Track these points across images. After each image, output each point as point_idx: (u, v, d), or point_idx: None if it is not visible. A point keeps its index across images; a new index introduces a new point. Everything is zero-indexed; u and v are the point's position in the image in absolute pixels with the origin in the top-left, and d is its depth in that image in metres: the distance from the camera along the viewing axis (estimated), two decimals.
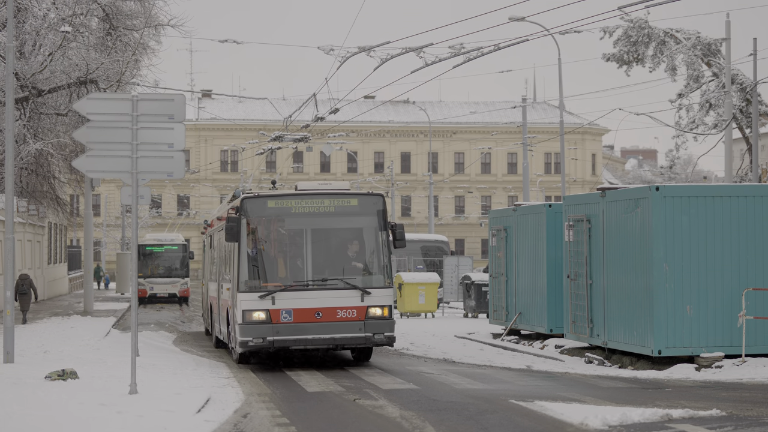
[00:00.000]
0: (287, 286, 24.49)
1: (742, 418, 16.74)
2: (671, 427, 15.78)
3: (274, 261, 25.20)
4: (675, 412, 17.04)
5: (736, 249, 24.79)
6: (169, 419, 16.33)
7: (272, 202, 24.98)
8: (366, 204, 25.10)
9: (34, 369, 22.43)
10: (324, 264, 25.16)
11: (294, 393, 21.43)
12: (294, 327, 24.20)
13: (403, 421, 17.12)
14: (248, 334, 24.23)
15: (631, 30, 52.33)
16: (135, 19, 41.47)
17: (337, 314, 24.45)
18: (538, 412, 17.72)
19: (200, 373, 23.92)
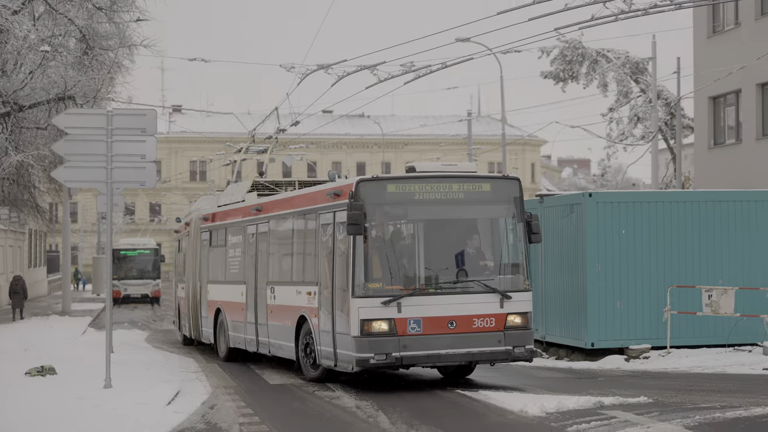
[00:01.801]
0: (416, 290, 18.32)
1: (667, 404, 16.87)
2: (603, 413, 15.84)
3: (397, 259, 18.69)
4: (606, 399, 17.14)
5: (661, 250, 25.01)
6: (141, 411, 16.24)
7: (392, 186, 18.47)
8: (501, 189, 19.20)
9: (15, 366, 22.29)
10: (455, 262, 18.97)
11: (258, 385, 21.40)
12: (424, 340, 17.97)
13: (358, 410, 17.11)
14: (369, 350, 17.78)
15: (566, 50, 52.59)
16: (110, 40, 41.42)
17: (473, 324, 18.41)
18: (483, 401, 17.76)
19: (170, 368, 23.79)
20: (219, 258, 27.54)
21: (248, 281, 24.62)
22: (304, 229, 21.73)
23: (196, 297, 29.27)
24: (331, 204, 19.47)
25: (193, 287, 29.69)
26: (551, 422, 15.32)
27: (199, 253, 29.18)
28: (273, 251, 23.50)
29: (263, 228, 23.93)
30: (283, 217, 23.02)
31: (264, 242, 23.98)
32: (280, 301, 22.46)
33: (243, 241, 25.37)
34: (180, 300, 32.30)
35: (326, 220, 19.81)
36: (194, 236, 29.98)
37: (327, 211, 19.76)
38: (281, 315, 22.30)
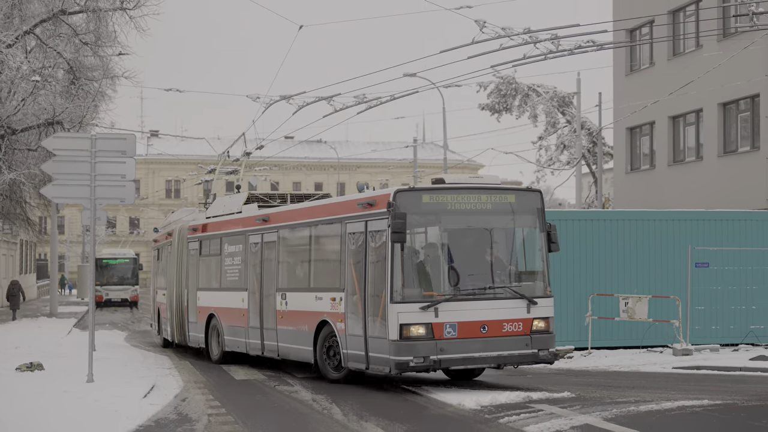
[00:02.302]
0: (452, 296, 17.46)
1: (588, 398, 16.96)
2: (531, 407, 15.90)
3: (432, 266, 17.89)
4: (534, 395, 17.19)
5: (584, 262, 25.28)
6: (120, 403, 16.15)
7: (427, 196, 17.49)
8: (524, 201, 18.56)
9: (6, 362, 22.11)
10: (486, 270, 18.26)
11: (225, 380, 21.32)
12: (459, 343, 17.17)
13: (314, 403, 17.10)
14: (408, 353, 16.83)
15: (501, 85, 52.89)
16: (95, 71, 41.36)
17: (503, 328, 17.66)
18: (425, 395, 17.77)
19: (147, 365, 23.69)
20: (212, 266, 26.03)
21: (251, 288, 23.17)
22: (327, 238, 20.67)
23: (182, 303, 27.53)
24: (362, 213, 18.44)
25: (178, 294, 28.03)
26: (485, 414, 15.35)
27: (186, 261, 27.50)
28: (284, 259, 22.14)
29: (270, 237, 22.53)
30: (299, 227, 21.72)
31: (272, 251, 22.50)
32: (294, 307, 21.08)
33: (244, 250, 23.83)
34: (160, 305, 30.82)
35: (355, 229, 18.75)
36: (179, 245, 28.16)
37: (356, 220, 18.70)
38: (295, 320, 20.94)
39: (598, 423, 14.37)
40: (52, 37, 39.37)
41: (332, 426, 14.56)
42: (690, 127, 39.73)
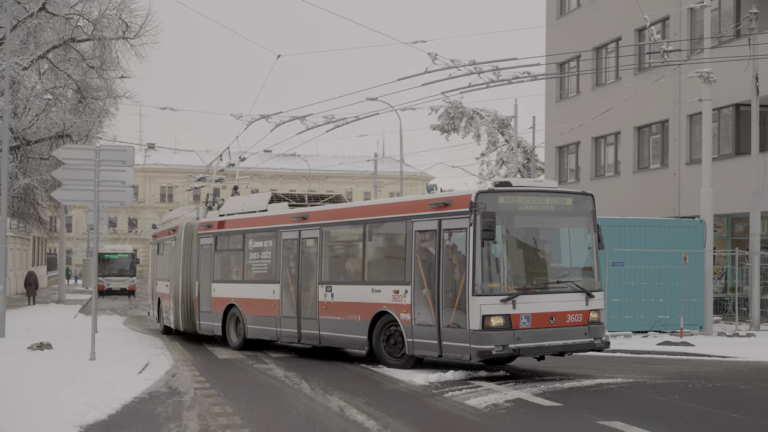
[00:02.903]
0: (527, 289, 16.68)
1: (520, 377, 17.03)
2: (472, 383, 15.97)
3: (508, 261, 16.86)
4: (475, 373, 17.32)
5: None
6: (118, 378, 16.12)
7: (502, 198, 16.53)
8: (581, 203, 17.92)
9: (19, 342, 21.98)
10: (552, 265, 17.81)
11: (209, 359, 21.26)
12: (532, 333, 16.40)
13: (286, 379, 17.11)
14: (490, 342, 15.94)
15: (450, 109, 53.01)
16: (99, 92, 41.28)
17: (567, 319, 16.94)
18: (380, 373, 17.81)
19: (142, 345, 23.57)
20: (231, 260, 24.15)
21: (283, 281, 21.43)
22: (388, 235, 19.42)
23: (192, 294, 25.23)
24: (434, 213, 17.29)
25: (186, 285, 25.68)
26: (432, 390, 15.42)
27: (198, 255, 25.09)
28: (328, 255, 20.57)
29: (310, 234, 20.84)
30: (348, 224, 20.23)
31: (312, 246, 20.84)
32: (342, 299, 19.58)
33: (275, 245, 21.90)
34: (161, 295, 28.77)
35: (424, 227, 17.57)
36: (186, 241, 25.81)
37: (427, 219, 17.53)
38: (344, 311, 19.46)
39: (528, 397, 14.48)
40: (63, 62, 39.34)
41: (301, 399, 14.58)
42: (609, 147, 40.03)
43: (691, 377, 17.14)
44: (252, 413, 13.07)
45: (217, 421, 12.36)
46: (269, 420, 12.53)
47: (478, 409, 13.46)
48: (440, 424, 12.26)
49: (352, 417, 12.69)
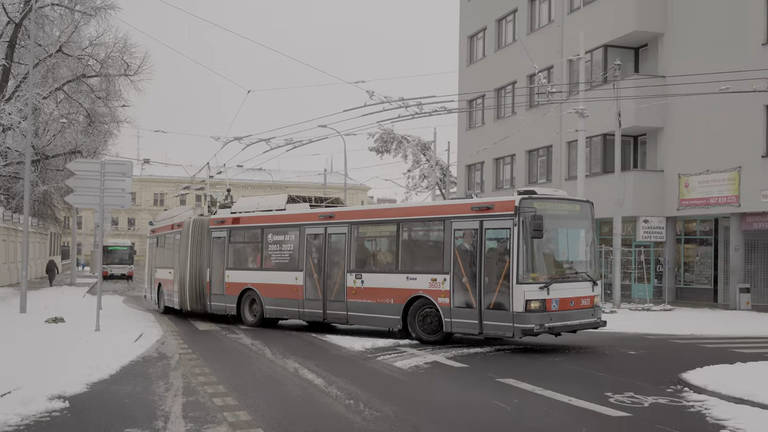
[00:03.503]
0: (558, 279, 16.38)
1: (438, 345, 17.12)
2: (399, 350, 16.02)
3: (541, 256, 16.45)
4: (402, 342, 17.34)
5: None
6: (118, 345, 15.92)
7: (537, 203, 16.11)
8: (585, 209, 17.69)
9: (38, 316, 21.60)
10: (571, 258, 17.40)
11: (191, 330, 21.03)
12: (559, 314, 16.05)
13: (253, 346, 16.99)
14: (531, 322, 15.56)
15: (383, 135, 53.05)
16: (105, 117, 41.00)
17: (581, 303, 16.72)
18: (327, 341, 17.81)
19: (137, 319, 23.25)
20: (246, 251, 22.45)
21: (307, 269, 20.07)
22: (424, 232, 18.25)
23: (203, 279, 23.33)
24: (476, 215, 16.53)
25: (197, 272, 23.62)
26: (368, 354, 15.46)
27: (210, 247, 23.19)
28: (357, 248, 19.26)
29: (338, 230, 19.58)
30: (380, 223, 19.06)
31: (339, 241, 19.58)
32: (373, 285, 18.49)
33: (299, 239, 20.44)
34: (162, 281, 26.72)
35: (464, 226, 16.75)
36: (195, 234, 23.77)
37: (468, 219, 16.70)
38: (375, 295, 18.38)
39: (442, 360, 14.59)
40: (75, 93, 39.13)
41: (264, 361, 14.52)
42: (507, 166, 40.43)
43: (568, 344, 17.37)
44: (225, 373, 12.99)
45: (197, 379, 12.27)
46: (238, 378, 12.46)
47: (403, 369, 13.53)
48: (374, 381, 12.30)
49: (305, 375, 12.68)
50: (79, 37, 37.16)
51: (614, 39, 31.78)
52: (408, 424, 8.99)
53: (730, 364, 13.28)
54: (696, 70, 27.63)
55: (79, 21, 36.27)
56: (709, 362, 13.89)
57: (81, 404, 10.08)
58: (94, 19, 36.37)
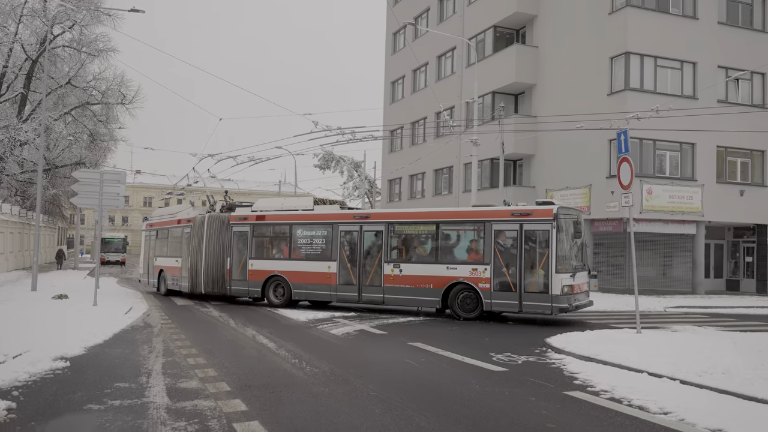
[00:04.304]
0: (576, 268, 15.99)
1: (364, 317, 17.08)
2: (334, 320, 15.96)
3: (568, 251, 15.95)
4: (336, 314, 17.31)
5: None
6: (112, 316, 15.46)
7: (563, 210, 15.99)
8: (581, 217, 17.36)
9: (46, 294, 20.80)
10: (580, 254, 16.85)
11: (171, 305, 20.49)
12: (575, 296, 15.94)
13: (220, 317, 16.68)
14: (565, 302, 15.41)
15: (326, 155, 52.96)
16: (105, 137, 39.84)
17: (583, 287, 16.60)
18: (278, 314, 17.61)
19: (128, 296, 22.50)
20: (273, 243, 20.45)
21: (340, 260, 18.75)
22: (464, 231, 17.26)
23: (223, 267, 21.07)
24: (516, 219, 16.14)
25: (214, 260, 21.36)
26: (310, 324, 15.33)
27: (230, 239, 20.97)
28: (393, 243, 18.13)
29: (375, 228, 18.41)
30: (418, 223, 17.96)
31: (375, 237, 18.38)
32: (412, 273, 17.54)
33: (331, 234, 19.06)
34: (165, 268, 24.15)
35: (505, 227, 16.29)
36: (211, 228, 21.64)
37: (509, 222, 16.26)
38: (413, 281, 17.48)
39: (368, 328, 14.55)
40: (81, 117, 38.02)
41: (228, 329, 14.25)
42: (419, 181, 40.66)
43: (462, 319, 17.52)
44: (197, 338, 12.71)
45: (174, 343, 11.96)
46: (208, 342, 12.20)
47: (337, 335, 13.44)
48: (314, 344, 12.19)
49: (260, 340, 12.49)
50: (85, 72, 36.02)
51: (500, 87, 32.30)
52: (340, 378, 8.94)
53: (582, 332, 13.60)
54: (559, 112, 28.31)
55: (85, 60, 35.15)
56: (568, 330, 14.21)
57: (79, 364, 9.73)
58: (97, 58, 35.33)
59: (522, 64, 31.49)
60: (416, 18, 41.29)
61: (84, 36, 34.63)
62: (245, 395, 7.81)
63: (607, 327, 15.39)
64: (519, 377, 9.20)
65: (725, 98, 28.30)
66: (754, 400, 7.62)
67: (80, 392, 7.91)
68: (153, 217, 27.46)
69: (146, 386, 8.28)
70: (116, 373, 9.13)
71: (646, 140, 26.57)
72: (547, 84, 30.94)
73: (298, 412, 7.05)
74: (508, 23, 32.92)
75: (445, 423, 6.72)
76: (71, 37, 34.75)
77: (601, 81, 27.65)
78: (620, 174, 13.60)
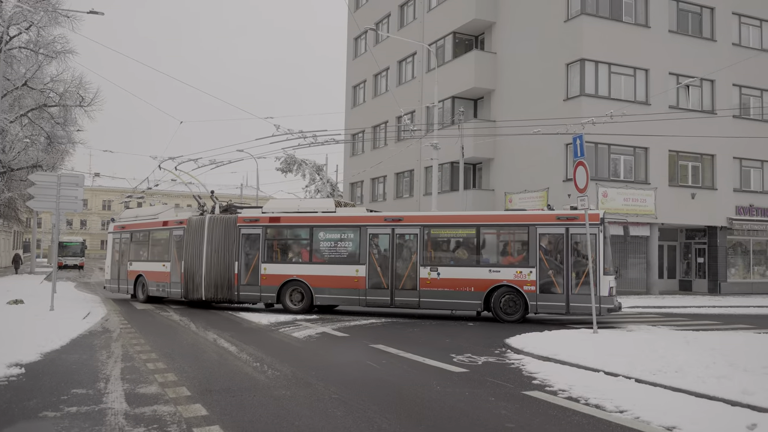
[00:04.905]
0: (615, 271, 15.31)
1: (326, 319, 16.99)
2: (296, 323, 15.83)
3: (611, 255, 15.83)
4: (298, 317, 17.16)
5: None
6: (69, 321, 15.03)
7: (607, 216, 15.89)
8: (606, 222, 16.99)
9: (1, 299, 20.08)
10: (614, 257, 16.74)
11: (131, 309, 20.10)
12: (616, 297, 16.09)
13: (181, 321, 16.38)
14: (612, 303, 15.52)
15: (288, 158, 52.55)
16: (62, 139, 38.82)
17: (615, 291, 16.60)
18: (240, 317, 17.38)
19: (86, 301, 22.02)
20: (290, 246, 19.19)
21: (369, 263, 17.88)
22: (507, 234, 17.13)
23: (230, 271, 19.50)
24: (563, 223, 16.11)
25: (216, 264, 19.83)
26: (272, 327, 15.17)
27: (239, 241, 19.42)
28: (431, 246, 17.56)
29: (409, 231, 17.73)
30: (457, 227, 17.50)
31: (409, 240, 17.73)
32: (451, 276, 17.05)
33: (359, 237, 18.10)
34: (147, 273, 22.25)
35: (550, 231, 16.25)
36: (212, 231, 20.12)
37: (555, 226, 16.21)
38: (453, 285, 16.99)
39: (329, 331, 14.45)
40: (38, 119, 37.05)
41: (189, 333, 14.01)
42: (380, 184, 40.71)
43: (422, 319, 17.56)
44: (157, 343, 12.45)
45: (134, 348, 11.70)
46: (168, 347, 11.96)
47: (299, 338, 13.32)
48: (276, 347, 12.06)
49: (222, 344, 12.30)
50: (42, 74, 35.21)
51: (460, 92, 32.55)
52: (302, 381, 8.84)
53: (540, 332, 13.73)
54: (518, 116, 28.63)
55: (42, 61, 34.36)
56: (527, 330, 14.31)
57: (35, 370, 9.43)
58: (55, 60, 34.54)
59: (481, 70, 31.77)
60: (377, 23, 41.37)
61: (41, 37, 33.87)
62: (206, 400, 7.67)
63: (564, 327, 15.58)
64: (479, 378, 9.23)
65: (676, 104, 28.99)
66: (705, 397, 7.77)
67: (36, 399, 7.66)
68: (123, 218, 25.36)
69: (104, 392, 8.06)
70: (73, 379, 8.88)
71: (601, 144, 27.04)
72: (505, 89, 31.26)
73: (259, 416, 6.95)
74: (468, 29, 33.20)
75: (406, 424, 6.70)
76: (28, 38, 33.97)
77: (558, 87, 28.06)
78: (576, 177, 13.80)
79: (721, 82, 29.79)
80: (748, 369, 9.13)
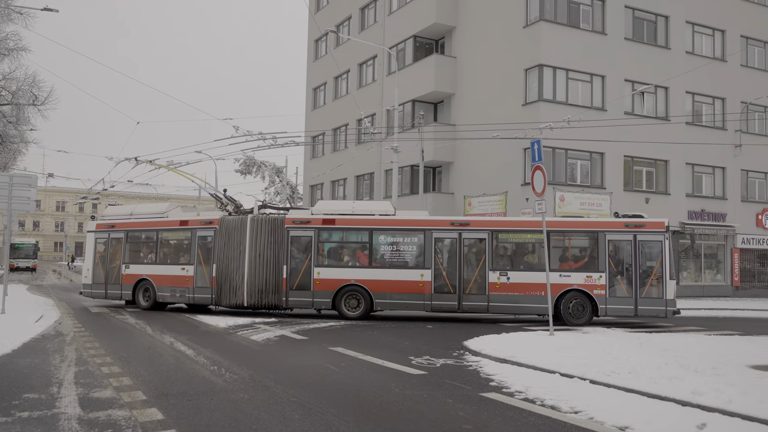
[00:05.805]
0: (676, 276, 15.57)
1: (285, 322, 16.90)
2: (255, 326, 15.70)
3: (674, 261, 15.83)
4: (257, 319, 17.03)
5: None
6: (21, 324, 14.63)
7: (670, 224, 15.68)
8: None
9: None
10: None
11: (85, 313, 19.64)
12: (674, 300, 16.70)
13: (137, 325, 16.07)
14: (676, 306, 16.58)
15: (247, 160, 52.11)
16: (15, 138, 37.66)
17: None
18: (197, 320, 17.17)
19: (38, 304, 21.42)
20: (346, 249, 18.34)
21: (435, 268, 17.51)
22: (576, 240, 17.41)
23: (278, 276, 18.36)
24: (630, 230, 16.80)
25: (261, 268, 18.58)
26: (230, 330, 15.02)
27: (288, 244, 18.28)
28: (501, 251, 17.48)
29: (477, 235, 17.56)
30: (526, 232, 17.41)
31: (478, 244, 17.55)
32: (521, 281, 17.09)
33: (424, 241, 17.66)
34: (156, 277, 20.02)
35: (619, 237, 16.85)
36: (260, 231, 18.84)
37: (623, 233, 16.84)
38: (523, 289, 17.06)
39: (288, 334, 14.39)
40: None
41: (145, 337, 13.78)
42: (341, 187, 40.65)
43: (382, 321, 17.60)
44: (112, 346, 12.22)
45: (88, 352, 11.46)
46: (123, 350, 11.75)
47: (257, 341, 13.23)
48: (234, 350, 11.95)
49: (178, 348, 12.13)
50: None
51: (420, 96, 32.74)
52: (260, 384, 8.79)
53: (498, 334, 13.90)
54: (477, 121, 28.94)
55: None
56: (485, 333, 14.48)
57: None
58: (7, 57, 33.60)
59: (441, 74, 32.02)
60: (338, 26, 41.36)
61: None
62: (162, 404, 7.57)
63: (521, 329, 15.79)
64: (437, 380, 9.30)
65: (632, 110, 29.66)
66: (657, 398, 7.98)
67: None
68: (108, 216, 22.23)
69: (57, 396, 7.89)
70: (25, 383, 8.66)
71: (558, 149, 27.50)
72: (465, 93, 31.57)
73: (216, 420, 6.89)
74: (428, 33, 33.43)
75: (364, 427, 6.72)
76: None
77: (516, 92, 28.45)
78: (534, 181, 14.01)
79: (674, 89, 30.59)
80: (699, 370, 9.40)
